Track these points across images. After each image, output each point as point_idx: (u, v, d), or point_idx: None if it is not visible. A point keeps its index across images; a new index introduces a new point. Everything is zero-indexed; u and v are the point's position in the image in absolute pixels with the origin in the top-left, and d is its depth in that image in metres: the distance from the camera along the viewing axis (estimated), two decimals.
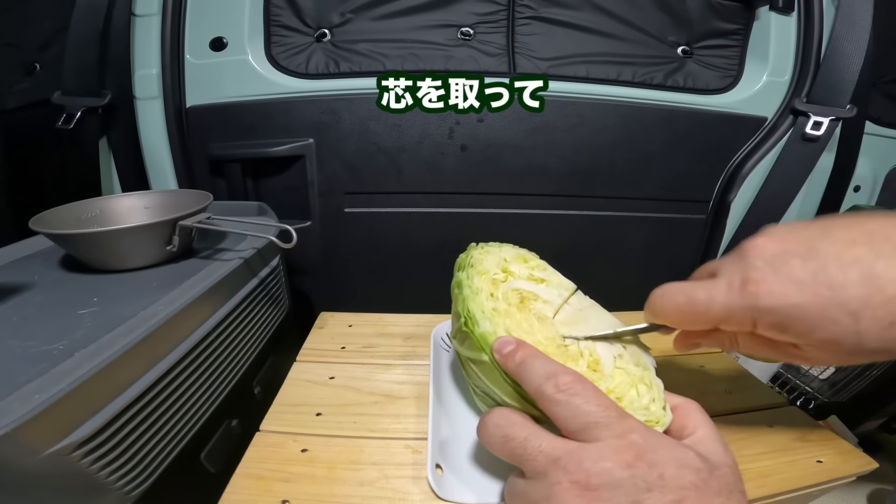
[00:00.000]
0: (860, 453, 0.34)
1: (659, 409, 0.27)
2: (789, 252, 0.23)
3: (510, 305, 0.32)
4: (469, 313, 0.30)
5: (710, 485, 0.21)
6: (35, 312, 0.35)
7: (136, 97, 0.68)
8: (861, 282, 0.21)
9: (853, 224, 0.23)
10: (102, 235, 0.40)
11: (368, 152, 0.69)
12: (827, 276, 0.22)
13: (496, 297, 0.32)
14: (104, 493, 0.28)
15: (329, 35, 0.70)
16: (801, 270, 0.22)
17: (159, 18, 0.66)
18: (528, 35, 0.70)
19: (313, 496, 0.29)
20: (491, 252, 0.36)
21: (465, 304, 0.31)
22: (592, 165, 0.71)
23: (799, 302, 0.22)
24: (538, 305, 0.33)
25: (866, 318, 0.21)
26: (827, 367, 0.70)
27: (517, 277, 0.35)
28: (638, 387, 0.28)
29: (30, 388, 0.25)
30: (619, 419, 0.22)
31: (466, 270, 0.34)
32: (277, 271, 0.51)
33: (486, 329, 0.29)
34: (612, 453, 0.21)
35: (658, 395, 0.27)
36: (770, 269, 0.23)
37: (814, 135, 0.68)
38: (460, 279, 0.33)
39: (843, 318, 0.21)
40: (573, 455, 0.22)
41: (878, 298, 0.21)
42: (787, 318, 0.22)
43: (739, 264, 0.24)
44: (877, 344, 0.21)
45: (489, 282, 0.33)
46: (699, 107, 0.71)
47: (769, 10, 0.71)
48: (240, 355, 0.43)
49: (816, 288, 0.22)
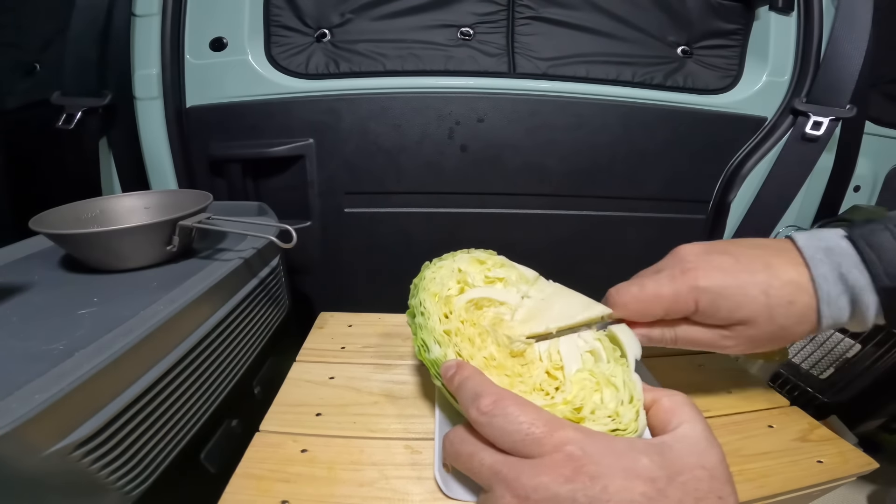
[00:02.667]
0: (860, 453, 0.34)
1: (630, 413, 0.25)
2: (712, 250, 0.31)
3: (464, 322, 0.31)
4: (422, 342, 0.30)
5: (667, 495, 0.19)
6: (35, 312, 0.35)
7: (136, 97, 0.68)
8: (764, 269, 0.29)
9: (745, 240, 0.32)
10: (102, 235, 0.40)
11: (368, 152, 0.69)
12: (741, 264, 0.29)
13: (449, 316, 0.31)
14: (104, 493, 0.28)
15: (329, 35, 0.70)
16: (724, 261, 0.30)
17: (159, 18, 0.66)
18: (527, 35, 0.70)
19: (313, 496, 0.29)
20: (443, 266, 0.35)
21: (418, 334, 0.31)
22: (592, 165, 0.71)
23: (726, 283, 0.29)
24: (495, 311, 0.33)
25: (773, 296, 0.28)
26: (827, 367, 0.70)
27: (472, 286, 0.34)
28: (604, 390, 0.26)
29: (30, 388, 0.25)
30: (549, 433, 0.21)
31: (418, 296, 0.33)
32: (277, 271, 0.51)
33: (437, 354, 0.29)
34: (547, 468, 0.20)
35: (631, 396, 0.26)
36: (702, 261, 0.30)
37: (814, 135, 0.68)
38: (412, 307, 0.33)
39: (758, 295, 0.28)
40: (512, 469, 0.21)
41: (777, 281, 0.28)
42: (719, 297, 0.29)
43: (675, 260, 0.31)
44: (784, 320, 0.28)
45: (442, 302, 0.32)
46: (699, 107, 0.71)
47: (769, 10, 0.71)
48: (240, 355, 0.43)
49: (736, 273, 0.29)
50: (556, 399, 0.27)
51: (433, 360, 0.29)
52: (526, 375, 0.29)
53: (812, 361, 0.71)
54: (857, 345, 0.66)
